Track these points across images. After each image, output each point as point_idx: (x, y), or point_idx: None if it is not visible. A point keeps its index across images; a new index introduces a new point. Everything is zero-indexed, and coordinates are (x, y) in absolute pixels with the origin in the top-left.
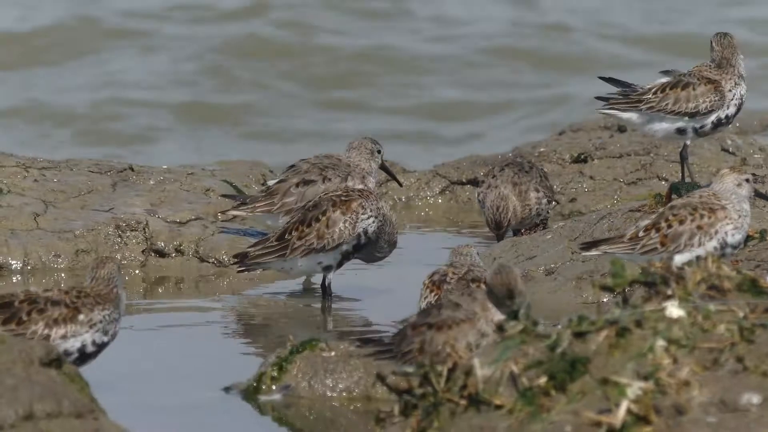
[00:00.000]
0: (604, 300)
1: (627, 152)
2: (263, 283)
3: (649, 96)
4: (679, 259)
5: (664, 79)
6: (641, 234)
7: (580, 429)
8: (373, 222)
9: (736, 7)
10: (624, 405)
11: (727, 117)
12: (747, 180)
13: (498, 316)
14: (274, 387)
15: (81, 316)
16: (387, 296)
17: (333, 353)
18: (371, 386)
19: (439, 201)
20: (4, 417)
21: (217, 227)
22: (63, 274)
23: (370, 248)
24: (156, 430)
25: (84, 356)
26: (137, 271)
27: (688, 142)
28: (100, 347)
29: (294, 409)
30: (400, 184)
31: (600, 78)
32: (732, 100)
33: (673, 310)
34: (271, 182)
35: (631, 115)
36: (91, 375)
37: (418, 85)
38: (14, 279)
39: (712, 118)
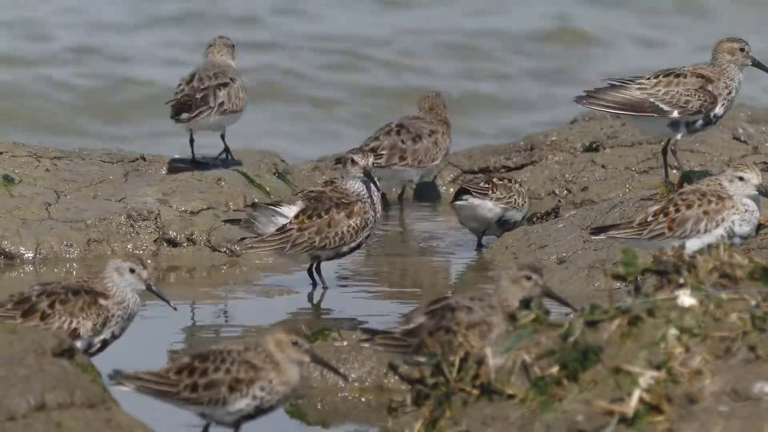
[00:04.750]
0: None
1: (639, 141)
2: (275, 272)
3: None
4: (690, 247)
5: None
6: (650, 219)
7: (592, 418)
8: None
9: None
10: (636, 394)
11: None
12: (740, 178)
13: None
14: None
15: (101, 300)
16: (396, 283)
17: (345, 343)
18: (383, 376)
19: (451, 190)
20: (16, 407)
21: (229, 217)
22: (75, 264)
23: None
24: (167, 421)
25: (104, 345)
26: (149, 261)
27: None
28: (114, 337)
29: (306, 400)
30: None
31: None
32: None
33: (685, 298)
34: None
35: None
36: (102, 365)
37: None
38: (26, 269)
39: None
